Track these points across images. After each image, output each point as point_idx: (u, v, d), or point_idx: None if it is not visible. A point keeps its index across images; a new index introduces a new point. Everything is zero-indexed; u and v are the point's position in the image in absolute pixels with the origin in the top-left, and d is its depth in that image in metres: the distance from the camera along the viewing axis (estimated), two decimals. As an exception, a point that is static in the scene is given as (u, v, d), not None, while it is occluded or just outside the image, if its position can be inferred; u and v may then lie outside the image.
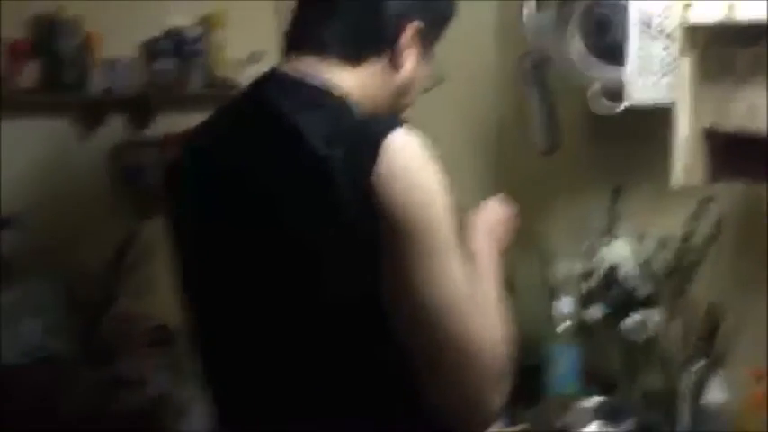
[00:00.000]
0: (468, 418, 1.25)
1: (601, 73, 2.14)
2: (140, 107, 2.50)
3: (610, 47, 2.10)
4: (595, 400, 2.20)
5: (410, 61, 1.36)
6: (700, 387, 2.01)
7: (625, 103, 1.99)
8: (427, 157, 1.22)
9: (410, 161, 1.21)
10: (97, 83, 2.37)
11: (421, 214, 1.20)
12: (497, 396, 1.26)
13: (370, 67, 1.34)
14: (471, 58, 2.61)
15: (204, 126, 1.41)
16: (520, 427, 2.07)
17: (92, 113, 2.46)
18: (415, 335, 1.22)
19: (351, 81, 1.32)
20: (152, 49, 2.49)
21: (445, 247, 1.21)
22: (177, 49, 2.48)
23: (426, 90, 1.45)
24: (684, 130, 1.76)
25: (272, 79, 1.34)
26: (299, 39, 1.35)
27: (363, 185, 1.17)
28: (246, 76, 2.46)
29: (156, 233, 2.43)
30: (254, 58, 2.52)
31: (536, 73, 2.37)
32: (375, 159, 1.18)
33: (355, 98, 1.31)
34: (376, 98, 1.34)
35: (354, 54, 1.32)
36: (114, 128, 2.52)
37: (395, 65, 1.35)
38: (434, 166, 1.23)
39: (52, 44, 2.34)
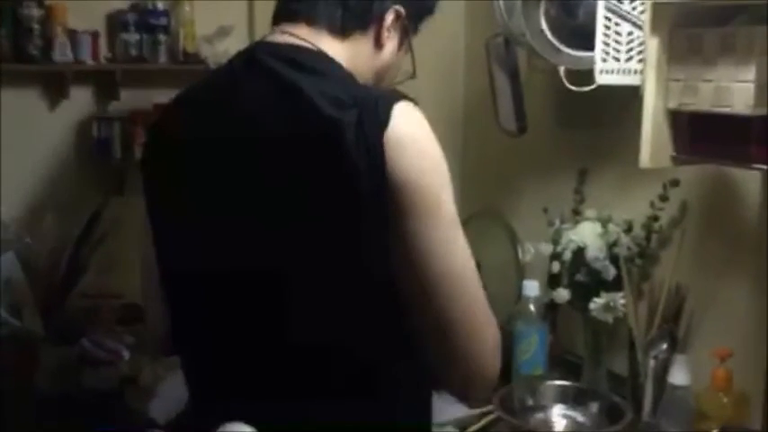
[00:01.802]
0: (476, 387, 1.29)
1: (568, 55, 2.12)
2: (105, 80, 2.47)
3: (578, 27, 2.09)
4: (561, 382, 2.20)
5: (390, 45, 1.41)
6: (664, 369, 2.01)
7: (593, 85, 1.98)
8: (430, 129, 1.25)
9: (419, 129, 1.23)
10: (61, 54, 2.34)
11: (431, 180, 1.21)
12: (498, 366, 1.29)
13: (355, 42, 1.37)
14: (440, 38, 2.59)
15: (189, 93, 1.41)
16: (485, 408, 2.07)
17: (57, 85, 2.43)
18: (428, 304, 1.22)
19: (339, 53, 1.35)
20: (117, 22, 2.46)
21: (453, 215, 1.23)
22: (143, 22, 2.45)
23: (398, 82, 1.48)
24: (652, 111, 1.75)
25: (265, 45, 1.35)
26: (291, 10, 1.37)
27: (375, 150, 1.18)
28: (214, 51, 2.44)
29: (124, 208, 2.43)
30: (222, 32, 2.49)
31: (505, 54, 2.36)
32: (386, 125, 1.19)
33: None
34: (360, 74, 1.36)
35: (341, 27, 1.36)
36: (81, 101, 2.50)
37: (378, 44, 1.39)
38: (436, 139, 1.25)
39: (16, 14, 2.31)
